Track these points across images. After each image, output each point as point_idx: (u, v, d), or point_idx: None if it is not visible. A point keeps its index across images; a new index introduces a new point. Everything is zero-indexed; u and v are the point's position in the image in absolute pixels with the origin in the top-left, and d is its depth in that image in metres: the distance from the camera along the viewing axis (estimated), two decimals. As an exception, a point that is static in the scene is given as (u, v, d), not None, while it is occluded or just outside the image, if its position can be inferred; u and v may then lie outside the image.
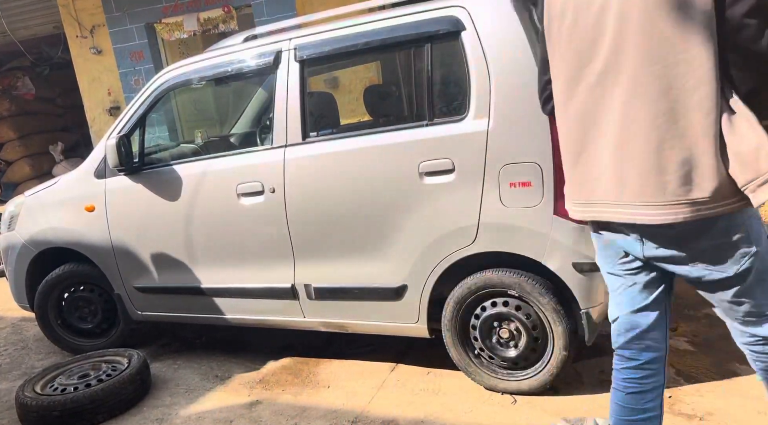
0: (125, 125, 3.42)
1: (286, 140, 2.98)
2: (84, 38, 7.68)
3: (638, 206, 1.64)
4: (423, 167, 2.65)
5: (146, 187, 3.37)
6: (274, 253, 3.10)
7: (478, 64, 2.56)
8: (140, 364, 3.18)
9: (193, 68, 3.32)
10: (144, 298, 3.59)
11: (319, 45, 2.92)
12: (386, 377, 3.08)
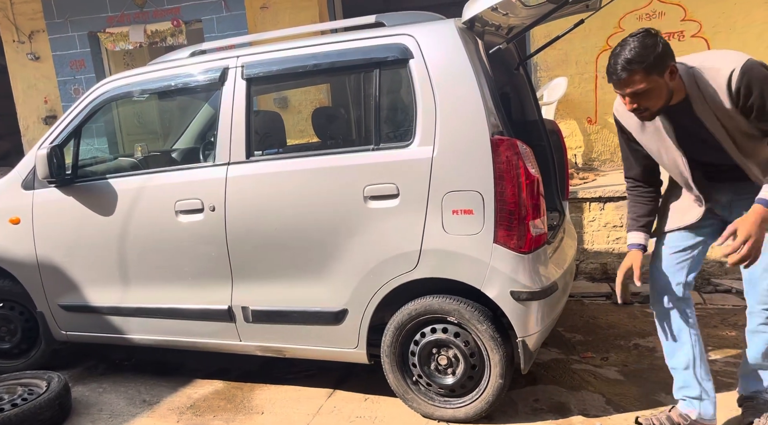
0: (59, 135, 3.27)
1: (229, 158, 2.92)
2: (21, 43, 7.36)
3: None
4: (368, 191, 2.65)
5: (78, 201, 3.22)
6: (211, 273, 3.01)
7: (425, 92, 2.60)
8: (60, 388, 3.00)
9: (135, 80, 3.22)
10: (70, 317, 3.40)
11: (268, 64, 2.89)
12: (323, 403, 3.02)
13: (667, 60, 1.97)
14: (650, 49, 1.94)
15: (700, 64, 2.03)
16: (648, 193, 2.41)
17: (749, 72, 1.91)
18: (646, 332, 3.56)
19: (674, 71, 1.99)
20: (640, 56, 1.94)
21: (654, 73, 1.96)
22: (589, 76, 5.93)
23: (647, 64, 1.95)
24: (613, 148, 5.96)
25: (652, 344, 3.38)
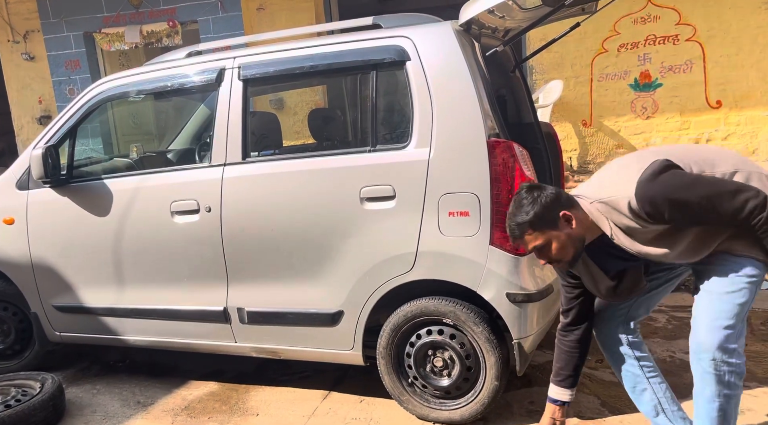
0: (54, 135, 3.26)
1: (225, 159, 2.92)
2: (16, 43, 7.33)
3: None
4: (364, 192, 2.65)
5: (73, 201, 3.21)
6: (207, 274, 3.00)
7: (422, 94, 2.60)
8: (54, 389, 2.98)
9: (131, 80, 3.21)
10: (64, 318, 3.39)
11: (264, 65, 2.89)
12: (318, 405, 3.01)
13: (555, 211, 1.93)
14: (529, 206, 1.93)
15: (596, 197, 1.94)
16: (574, 341, 2.24)
17: (644, 194, 1.81)
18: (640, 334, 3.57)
19: (570, 218, 1.93)
20: (521, 217, 1.95)
21: (545, 229, 1.94)
22: (585, 79, 5.95)
23: (532, 223, 1.94)
24: (608, 151, 5.99)
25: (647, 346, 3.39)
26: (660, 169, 1.82)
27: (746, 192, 1.76)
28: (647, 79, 5.79)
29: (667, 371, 3.08)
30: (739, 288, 1.86)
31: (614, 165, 2.02)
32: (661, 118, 5.78)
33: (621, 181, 1.88)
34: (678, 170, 1.83)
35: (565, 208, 1.94)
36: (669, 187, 1.79)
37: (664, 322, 3.75)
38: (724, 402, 1.90)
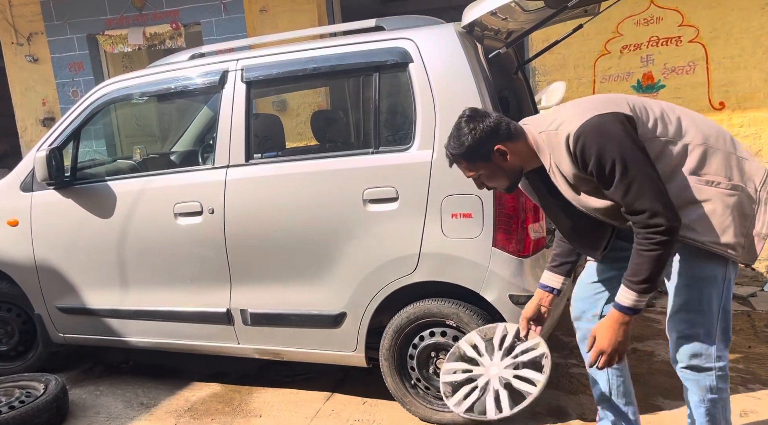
0: (58, 137, 3.27)
1: (228, 161, 2.92)
2: (20, 45, 7.35)
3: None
4: (367, 194, 2.65)
5: (77, 203, 3.22)
6: (210, 276, 3.01)
7: (425, 96, 2.61)
8: (57, 390, 2.99)
9: (135, 82, 3.22)
10: (67, 319, 3.39)
11: (267, 67, 2.90)
12: (321, 407, 3.01)
13: (488, 145, 1.82)
14: (464, 138, 1.84)
15: (546, 127, 1.83)
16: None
17: (583, 135, 1.69)
18: (644, 336, 3.57)
19: (504, 153, 1.84)
20: (455, 148, 1.88)
21: (477, 161, 1.87)
22: (587, 80, 5.95)
23: (463, 155, 1.87)
24: (610, 153, 5.97)
25: (650, 348, 3.39)
26: (614, 120, 1.67)
27: (665, 212, 1.64)
28: (650, 80, 5.78)
29: (670, 373, 3.07)
30: (699, 293, 1.79)
31: (584, 99, 1.88)
32: (663, 119, 5.76)
33: (576, 114, 1.73)
34: (629, 136, 1.66)
35: (502, 140, 1.83)
36: (605, 144, 1.65)
37: (668, 324, 3.75)
38: (711, 406, 1.88)
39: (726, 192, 1.74)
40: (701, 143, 1.77)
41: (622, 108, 1.74)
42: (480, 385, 2.16)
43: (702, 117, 1.88)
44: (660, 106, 1.84)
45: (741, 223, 1.74)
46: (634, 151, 1.65)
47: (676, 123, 1.79)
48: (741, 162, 1.79)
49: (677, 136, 1.77)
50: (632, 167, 1.64)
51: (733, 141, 1.84)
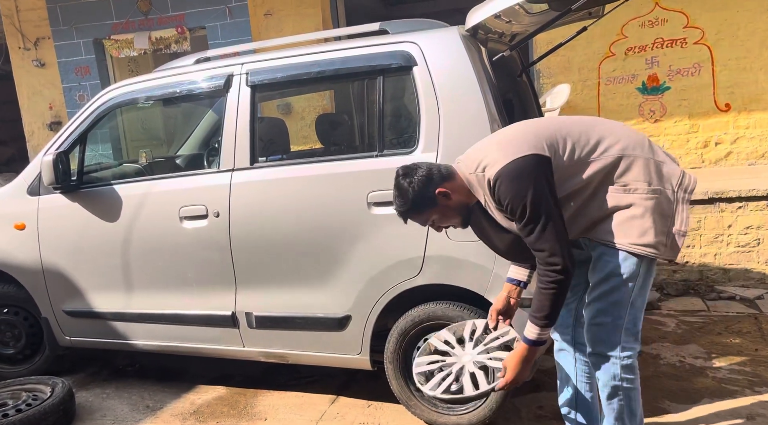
0: (64, 141, 3.29)
1: (233, 164, 2.94)
2: (27, 50, 7.41)
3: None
4: (372, 197, 2.66)
5: (83, 207, 3.24)
6: (215, 279, 3.02)
7: (429, 99, 2.61)
8: (64, 393, 3.00)
9: (141, 87, 3.24)
10: (74, 323, 3.41)
11: (272, 71, 2.91)
12: (326, 409, 3.02)
13: (430, 192, 1.97)
14: (406, 194, 1.98)
15: (474, 169, 1.96)
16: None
17: (500, 180, 1.86)
18: (649, 339, 3.56)
19: (447, 194, 1.98)
20: (402, 206, 2.01)
21: (424, 209, 2.01)
22: (592, 82, 5.94)
23: (410, 209, 2.01)
24: (616, 155, 5.96)
25: (656, 351, 3.38)
26: (529, 164, 1.84)
27: (562, 253, 1.82)
28: (655, 82, 5.77)
29: (677, 376, 3.06)
30: (611, 286, 1.93)
31: (501, 135, 2.01)
32: (669, 121, 5.76)
33: (497, 159, 1.88)
34: (539, 181, 1.83)
35: (440, 184, 1.97)
36: (517, 189, 1.83)
37: (674, 327, 3.73)
38: (612, 392, 1.99)
39: (646, 196, 1.89)
40: (620, 155, 1.91)
41: (540, 146, 1.88)
42: (454, 371, 2.19)
43: (622, 126, 2.03)
44: (581, 127, 1.97)
45: (661, 224, 1.89)
46: (541, 196, 1.83)
47: (595, 141, 1.93)
48: (659, 166, 1.94)
49: (596, 154, 1.92)
50: (538, 211, 1.82)
51: (651, 146, 1.97)
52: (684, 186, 1.93)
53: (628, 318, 1.94)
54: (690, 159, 5.74)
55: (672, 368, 3.16)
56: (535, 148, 1.87)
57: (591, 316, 1.99)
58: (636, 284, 1.92)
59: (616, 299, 1.93)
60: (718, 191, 4.33)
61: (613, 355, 1.95)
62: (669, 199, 1.91)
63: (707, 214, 4.38)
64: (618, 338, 1.94)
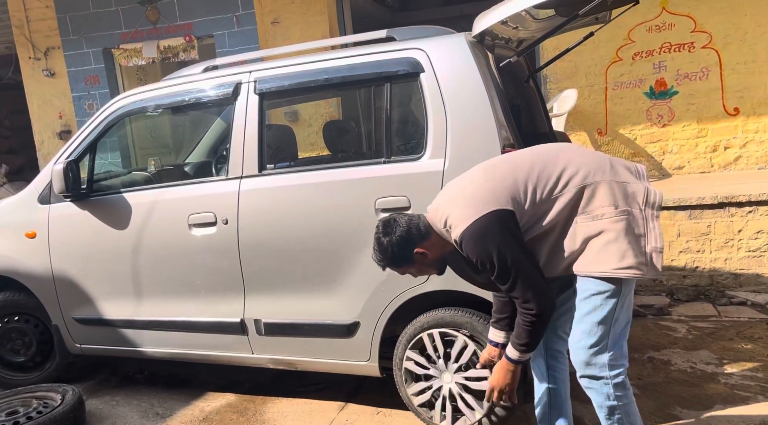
0: (74, 150, 3.32)
1: (241, 171, 2.95)
2: (37, 60, 7.48)
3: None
4: (379, 203, 2.66)
5: (93, 215, 3.26)
6: (224, 286, 3.03)
7: (436, 106, 2.61)
8: (74, 401, 3.01)
9: (150, 96, 3.27)
10: (84, 330, 3.43)
11: (280, 79, 2.93)
12: (335, 416, 3.01)
13: (407, 251, 2.05)
14: (384, 251, 2.07)
15: (442, 226, 2.02)
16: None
17: (465, 240, 1.93)
18: (660, 345, 3.53)
19: (423, 254, 2.06)
20: (381, 260, 2.12)
21: (402, 265, 2.11)
22: (599, 87, 5.93)
23: (391, 264, 2.12)
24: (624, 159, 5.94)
25: (666, 357, 3.35)
26: (492, 221, 1.89)
27: (535, 299, 1.90)
28: (663, 86, 5.75)
29: (688, 382, 3.04)
30: (593, 307, 1.94)
31: (465, 189, 2.02)
32: (677, 125, 5.73)
33: (460, 218, 1.94)
34: (505, 236, 1.89)
35: (418, 243, 2.05)
36: (483, 247, 1.90)
37: (684, 333, 3.70)
38: (609, 413, 2.00)
39: (615, 219, 1.90)
40: (582, 184, 1.93)
41: (501, 200, 1.91)
42: (446, 394, 2.59)
43: (581, 153, 2.03)
44: (541, 164, 1.98)
45: (636, 244, 1.90)
46: (507, 251, 1.88)
47: (556, 176, 1.95)
48: (623, 187, 1.94)
49: (558, 189, 1.94)
50: (506, 266, 1.89)
51: (613, 168, 1.98)
52: (650, 202, 1.93)
53: (612, 336, 1.94)
54: (699, 163, 5.71)
55: (683, 374, 3.14)
56: (496, 204, 1.91)
57: (576, 339, 1.99)
58: (618, 303, 1.93)
59: (599, 319, 1.93)
60: (728, 195, 4.31)
61: (603, 376, 1.95)
62: (638, 219, 1.91)
63: (717, 219, 4.35)
64: (605, 358, 1.94)
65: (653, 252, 1.89)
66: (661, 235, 1.92)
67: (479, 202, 1.93)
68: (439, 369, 2.66)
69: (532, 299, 1.91)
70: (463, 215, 1.93)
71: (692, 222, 4.40)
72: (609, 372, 1.94)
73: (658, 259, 1.90)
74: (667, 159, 5.82)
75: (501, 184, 1.96)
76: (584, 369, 1.98)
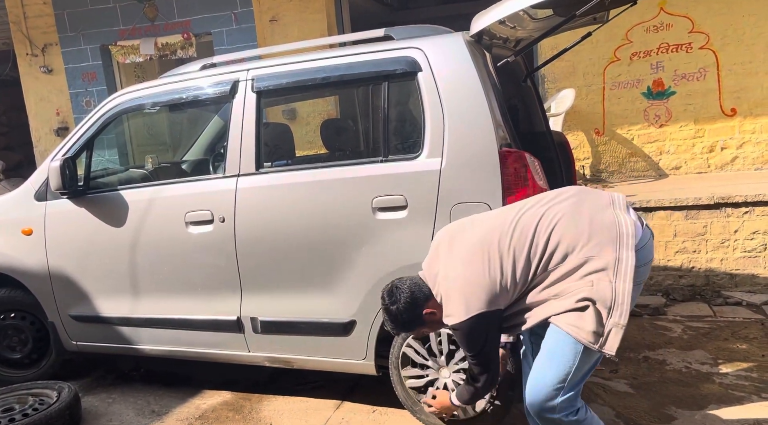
0: (72, 147, 3.31)
1: (239, 169, 2.95)
2: (35, 56, 7.46)
3: None
4: (376, 202, 2.66)
5: (90, 212, 3.26)
6: (220, 284, 3.03)
7: (433, 105, 2.62)
8: (70, 398, 3.01)
9: (147, 93, 3.26)
10: (80, 327, 3.43)
11: (277, 77, 2.93)
12: (330, 415, 3.01)
13: (416, 313, 2.11)
14: (396, 319, 2.14)
15: (438, 299, 2.11)
16: None
17: (456, 332, 2.08)
18: (655, 344, 3.54)
19: (433, 313, 2.12)
20: (393, 328, 2.20)
21: (414, 328, 2.20)
22: (597, 87, 5.94)
23: (403, 329, 2.22)
24: (621, 160, 5.96)
25: (661, 357, 3.36)
26: (479, 323, 2.00)
27: (486, 383, 2.14)
28: (660, 87, 5.76)
29: (683, 382, 3.05)
30: (560, 356, 1.95)
31: (459, 277, 2.04)
32: (674, 126, 5.75)
33: (454, 310, 2.02)
34: (487, 336, 2.04)
35: (424, 305, 2.12)
36: (468, 342, 2.08)
37: (680, 332, 3.72)
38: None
39: (586, 286, 1.91)
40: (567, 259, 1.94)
41: (493, 300, 1.98)
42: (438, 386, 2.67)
43: (567, 219, 1.97)
44: (530, 236, 1.99)
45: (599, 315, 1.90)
46: (487, 345, 2.06)
47: (545, 261, 1.97)
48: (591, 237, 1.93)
49: (546, 269, 1.97)
50: (485, 358, 2.10)
51: (590, 238, 1.93)
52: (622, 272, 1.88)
53: (571, 380, 1.92)
54: (696, 164, 5.72)
55: (678, 374, 3.15)
56: (487, 305, 1.98)
57: (540, 380, 1.98)
58: (577, 354, 1.91)
59: (566, 367, 1.93)
60: (725, 196, 4.32)
61: (555, 418, 1.96)
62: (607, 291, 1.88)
63: (713, 219, 4.36)
64: (568, 398, 1.93)
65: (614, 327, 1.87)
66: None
67: (471, 299, 1.99)
68: (438, 364, 2.67)
69: (484, 379, 2.14)
70: (456, 310, 2.02)
71: (689, 222, 4.42)
72: (557, 416, 1.95)
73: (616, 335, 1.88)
74: (664, 159, 5.83)
75: (492, 277, 1.98)
76: (533, 410, 2.00)
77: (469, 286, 2.00)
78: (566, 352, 1.92)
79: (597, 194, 2.10)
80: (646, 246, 2.00)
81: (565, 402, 1.94)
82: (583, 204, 2.02)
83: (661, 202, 4.46)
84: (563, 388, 1.93)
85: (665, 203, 4.44)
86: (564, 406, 1.94)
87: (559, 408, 1.93)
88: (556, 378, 1.93)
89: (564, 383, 1.93)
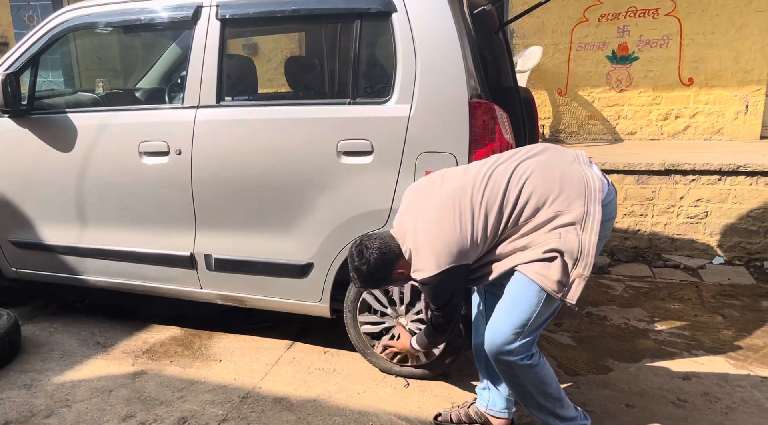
0: (14, 62, 3.09)
1: (198, 101, 2.82)
2: (-29, -39, 6.84)
3: None
4: (341, 146, 2.61)
5: (34, 134, 3.07)
6: (174, 219, 2.94)
7: (406, 49, 2.54)
8: (9, 325, 2.92)
9: (99, 11, 3.04)
10: (21, 254, 3.29)
11: (244, 5, 2.77)
12: (282, 354, 3.04)
13: (388, 272, 2.12)
14: (367, 278, 2.15)
15: (407, 255, 2.11)
16: None
17: (423, 286, 2.09)
18: (598, 301, 3.70)
19: (402, 272, 2.13)
20: (362, 286, 2.22)
21: (382, 284, 2.25)
22: (564, 47, 5.94)
23: (373, 286, 2.28)
24: (580, 122, 6.04)
25: (603, 313, 3.52)
26: (448, 277, 2.01)
27: (445, 327, 2.21)
28: (624, 51, 5.82)
29: (621, 336, 3.21)
30: (523, 302, 1.99)
31: (430, 231, 2.03)
32: (634, 91, 5.85)
33: (423, 265, 2.02)
34: (454, 288, 2.06)
35: (395, 263, 2.12)
36: (437, 295, 2.10)
37: (621, 291, 3.89)
38: (515, 388, 2.13)
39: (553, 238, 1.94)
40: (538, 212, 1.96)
41: (462, 253, 1.98)
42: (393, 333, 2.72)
43: (536, 172, 1.99)
44: (502, 190, 1.99)
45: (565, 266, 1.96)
46: (454, 297, 2.09)
47: (516, 212, 1.98)
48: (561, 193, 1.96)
49: (516, 223, 1.99)
50: (448, 304, 2.11)
51: (562, 192, 1.95)
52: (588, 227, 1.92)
53: (530, 326, 1.98)
54: (650, 130, 5.87)
55: (617, 329, 3.31)
56: (457, 259, 1.98)
57: (501, 324, 2.02)
58: (540, 302, 1.96)
59: (528, 313, 1.98)
60: (674, 163, 4.46)
61: (512, 360, 2.01)
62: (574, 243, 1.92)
63: (662, 185, 4.52)
64: (525, 343, 2.00)
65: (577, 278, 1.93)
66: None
67: (441, 254, 1.99)
68: (397, 313, 2.70)
69: (446, 329, 2.22)
70: (425, 264, 2.02)
71: (639, 186, 4.56)
72: (514, 358, 2.00)
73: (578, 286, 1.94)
74: (621, 124, 5.95)
75: (463, 232, 1.98)
76: (492, 350, 2.04)
77: (439, 241, 2.00)
78: (530, 298, 1.96)
79: (563, 150, 2.11)
80: (612, 203, 2.05)
81: (522, 347, 2.00)
82: (553, 159, 2.04)
83: (615, 166, 4.57)
84: (522, 333, 1.98)
85: (619, 167, 4.56)
86: (521, 350, 2.00)
87: (516, 352, 1.99)
88: (517, 322, 1.98)
89: (524, 328, 1.98)
